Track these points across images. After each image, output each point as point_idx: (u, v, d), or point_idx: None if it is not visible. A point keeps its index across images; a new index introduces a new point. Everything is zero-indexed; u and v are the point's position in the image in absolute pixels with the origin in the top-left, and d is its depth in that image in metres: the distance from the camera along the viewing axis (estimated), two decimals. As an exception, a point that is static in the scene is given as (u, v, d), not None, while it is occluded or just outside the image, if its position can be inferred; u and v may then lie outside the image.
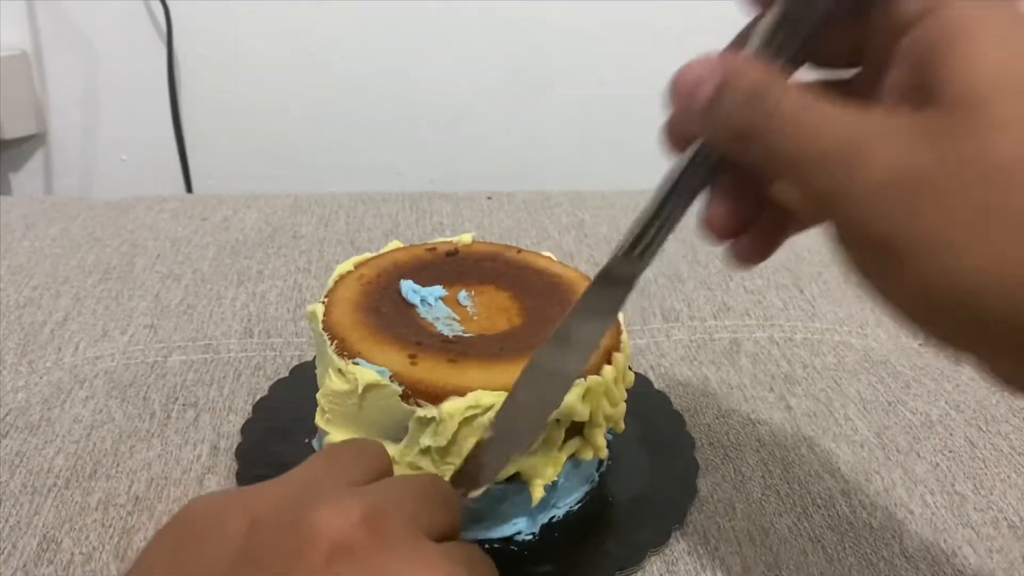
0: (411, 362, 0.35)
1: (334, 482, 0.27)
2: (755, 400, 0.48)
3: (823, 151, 0.22)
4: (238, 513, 0.25)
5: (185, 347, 0.51)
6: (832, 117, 0.23)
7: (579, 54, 1.02)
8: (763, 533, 0.39)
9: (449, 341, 0.37)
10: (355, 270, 0.42)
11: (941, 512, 0.40)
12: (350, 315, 0.38)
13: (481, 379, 0.34)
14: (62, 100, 1.03)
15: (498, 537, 0.37)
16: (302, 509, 0.24)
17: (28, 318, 0.53)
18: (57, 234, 0.64)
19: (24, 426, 0.43)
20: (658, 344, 0.53)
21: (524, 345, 0.36)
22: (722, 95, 0.24)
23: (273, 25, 0.99)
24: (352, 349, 0.36)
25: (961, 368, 0.52)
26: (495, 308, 0.40)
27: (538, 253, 0.44)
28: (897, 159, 0.21)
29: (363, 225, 0.68)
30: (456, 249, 0.44)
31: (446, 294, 0.41)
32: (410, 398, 0.34)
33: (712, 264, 0.63)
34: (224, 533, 0.24)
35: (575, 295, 0.40)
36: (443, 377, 0.34)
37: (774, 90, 0.24)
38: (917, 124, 0.22)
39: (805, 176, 0.23)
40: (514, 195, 0.75)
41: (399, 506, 0.26)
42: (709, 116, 0.25)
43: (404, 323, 0.38)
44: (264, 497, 0.26)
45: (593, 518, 0.39)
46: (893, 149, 0.22)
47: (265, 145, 1.06)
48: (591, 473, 0.40)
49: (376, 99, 1.03)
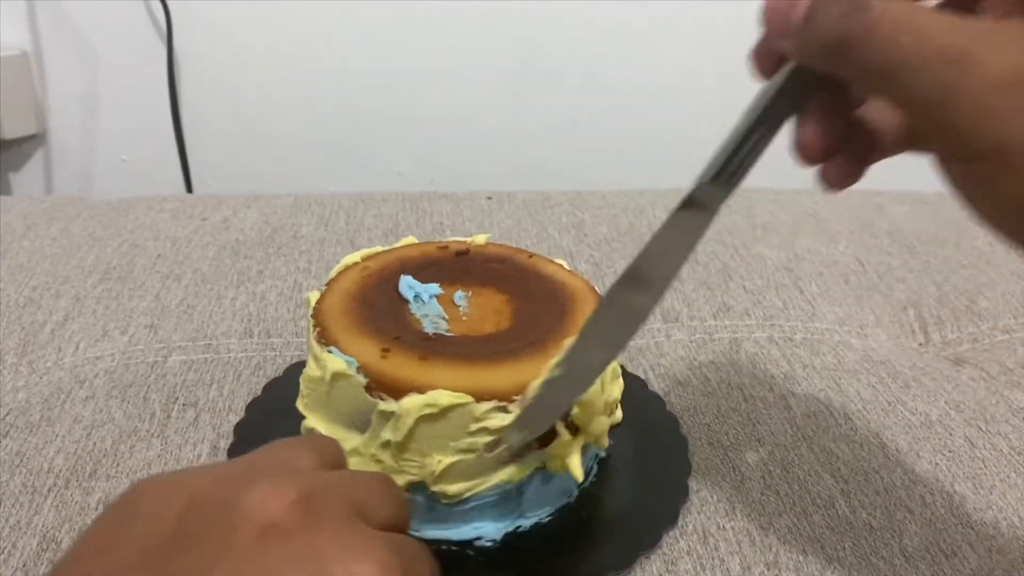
0: (382, 356, 0.35)
1: (278, 467, 0.27)
2: (755, 400, 0.48)
3: (931, 55, 0.22)
4: (177, 493, 0.25)
5: (185, 347, 0.51)
6: (939, 23, 0.23)
7: (579, 54, 1.02)
8: (763, 533, 0.39)
9: (428, 339, 0.37)
10: (361, 262, 0.42)
11: (941, 512, 0.40)
12: (340, 305, 0.39)
13: (446, 379, 0.34)
14: (62, 100, 1.03)
15: (457, 540, 0.37)
16: (238, 489, 0.24)
17: (28, 318, 0.53)
18: (57, 234, 0.64)
19: (24, 426, 0.43)
20: (658, 344, 0.53)
21: (501, 349, 0.36)
22: (821, 6, 0.24)
23: (273, 25, 0.99)
24: (330, 337, 0.36)
25: (961, 368, 0.52)
26: (488, 310, 0.40)
27: (550, 259, 0.44)
28: (1010, 61, 0.22)
29: (363, 225, 0.68)
30: (468, 249, 0.44)
31: (441, 292, 0.41)
32: (374, 391, 0.34)
33: (712, 264, 0.63)
34: (161, 512, 0.24)
35: (575, 303, 0.40)
36: (410, 374, 0.34)
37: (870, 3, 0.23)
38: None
39: (911, 83, 0.23)
40: (514, 195, 0.75)
41: (337, 491, 0.26)
42: (807, 30, 0.25)
43: (390, 317, 0.38)
44: (204, 478, 0.26)
45: (562, 532, 0.38)
46: (1005, 52, 0.22)
47: (265, 145, 1.06)
48: (568, 487, 0.39)
49: (376, 99, 1.03)
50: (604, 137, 1.06)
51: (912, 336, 0.57)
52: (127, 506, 0.25)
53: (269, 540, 0.23)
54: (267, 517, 0.23)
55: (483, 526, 0.37)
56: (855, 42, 0.24)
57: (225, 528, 0.23)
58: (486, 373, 0.34)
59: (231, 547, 0.23)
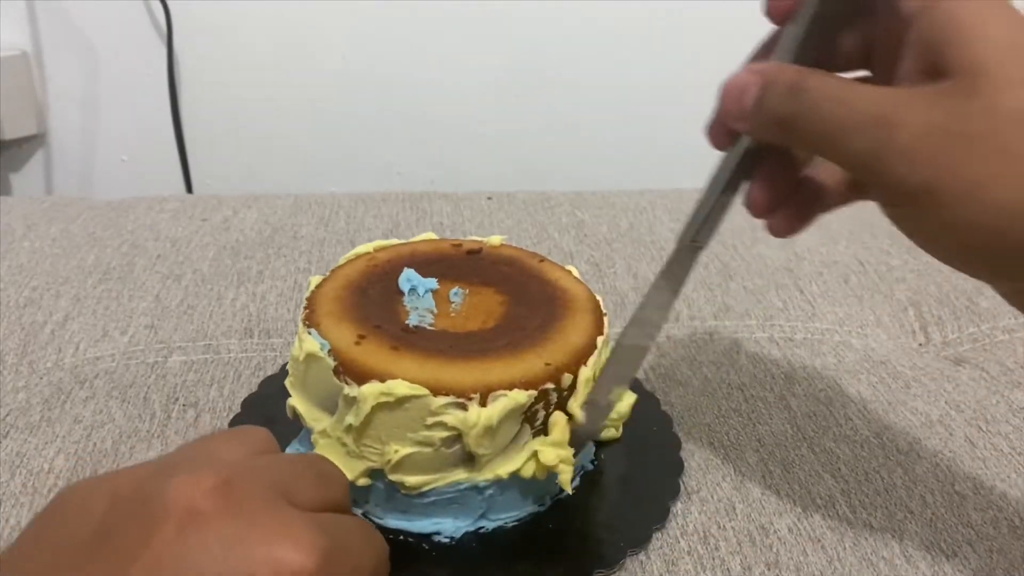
0: (356, 342, 0.36)
1: (198, 458, 0.27)
2: (755, 400, 0.48)
3: (862, 121, 0.27)
4: (100, 493, 0.25)
5: (185, 347, 0.51)
6: (865, 94, 0.28)
7: (579, 54, 1.02)
8: (763, 533, 0.39)
9: (406, 330, 0.37)
10: (372, 252, 0.43)
11: (941, 512, 0.40)
12: (336, 290, 0.40)
13: (410, 370, 0.34)
14: (62, 100, 1.03)
15: (416, 532, 0.37)
16: (158, 482, 0.24)
17: (28, 318, 0.53)
18: (57, 234, 0.64)
19: (24, 427, 0.43)
20: (658, 345, 0.53)
21: (474, 348, 0.36)
22: (767, 92, 0.29)
23: (273, 25, 0.99)
24: (314, 319, 0.37)
25: (961, 368, 0.52)
26: (480, 309, 0.40)
27: (560, 266, 0.43)
28: (927, 118, 0.26)
29: (363, 225, 0.68)
30: (480, 249, 0.44)
31: (437, 288, 0.41)
32: (341, 375, 0.35)
33: (712, 264, 0.63)
34: (86, 512, 0.24)
35: (569, 311, 0.39)
36: (377, 362, 0.35)
37: (812, 80, 0.29)
38: (939, 90, 0.27)
39: (847, 145, 0.28)
40: (514, 195, 0.75)
41: (260, 475, 0.26)
42: (758, 112, 0.30)
43: (380, 307, 0.39)
44: (126, 476, 0.26)
45: (524, 539, 0.37)
46: (922, 111, 0.27)
47: (265, 145, 1.06)
48: (540, 495, 0.39)
49: (376, 99, 1.03)
50: (604, 137, 1.06)
51: (912, 336, 0.57)
52: (53, 512, 0.25)
53: (189, 528, 0.23)
54: (187, 505, 0.24)
55: (443, 522, 0.37)
56: (798, 117, 0.29)
57: (146, 520, 0.24)
58: (451, 369, 0.34)
59: (152, 537, 0.23)
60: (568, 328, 0.38)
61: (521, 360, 0.35)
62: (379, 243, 0.44)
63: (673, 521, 0.39)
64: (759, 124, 0.30)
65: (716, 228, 0.34)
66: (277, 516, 0.24)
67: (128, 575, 0.22)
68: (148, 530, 0.23)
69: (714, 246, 0.66)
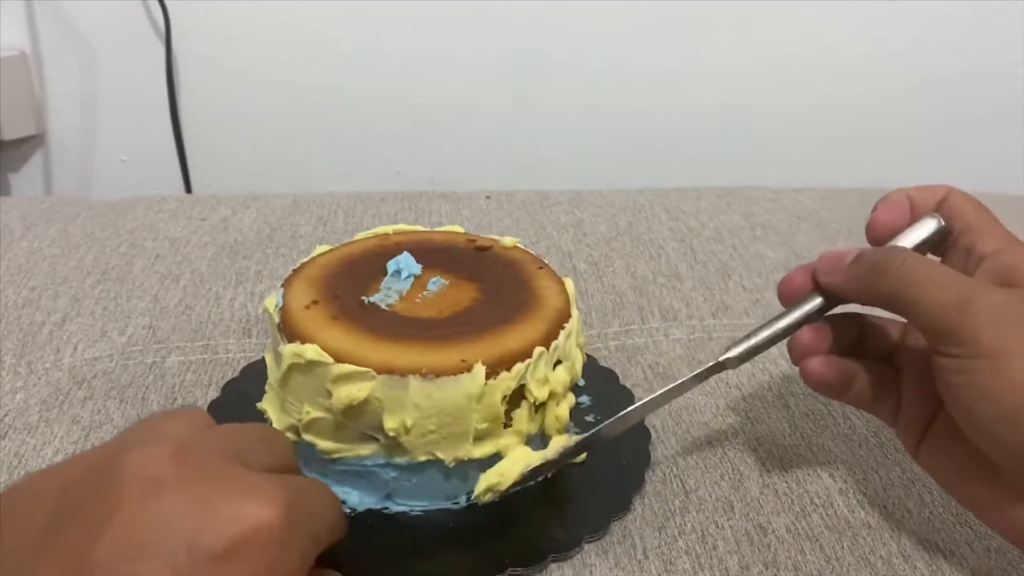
0: (307, 306, 0.38)
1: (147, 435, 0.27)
2: (754, 399, 0.48)
3: (949, 280, 0.33)
4: (49, 482, 0.26)
5: (184, 348, 0.51)
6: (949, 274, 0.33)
7: (579, 54, 1.02)
8: (761, 532, 0.39)
9: (361, 306, 0.38)
10: (391, 235, 0.45)
11: (939, 511, 0.40)
12: (330, 261, 0.42)
13: (334, 339, 0.35)
14: (61, 101, 1.03)
15: None
16: (113, 460, 0.25)
17: (27, 319, 0.53)
18: (56, 235, 0.64)
19: (23, 427, 0.43)
20: (656, 343, 0.53)
21: (408, 332, 0.36)
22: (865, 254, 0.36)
23: (272, 25, 0.99)
24: (290, 280, 0.40)
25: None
26: (448, 301, 0.40)
27: (557, 277, 0.42)
28: (1006, 295, 0.32)
29: (362, 225, 0.68)
30: (491, 247, 0.45)
31: (420, 274, 0.42)
32: (281, 332, 0.37)
33: (711, 263, 0.63)
34: (36, 503, 0.25)
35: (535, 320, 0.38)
36: (309, 327, 0.36)
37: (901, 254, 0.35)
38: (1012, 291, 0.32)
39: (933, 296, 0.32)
40: (513, 195, 0.75)
41: (212, 441, 0.27)
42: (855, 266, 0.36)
43: (356, 281, 0.40)
44: (75, 463, 0.26)
45: (424, 531, 0.37)
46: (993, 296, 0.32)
47: (264, 145, 1.06)
48: (455, 493, 0.38)
49: (375, 99, 1.03)
50: (603, 137, 1.06)
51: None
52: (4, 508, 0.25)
53: (153, 495, 0.24)
54: (148, 475, 0.24)
55: (349, 493, 0.38)
56: (883, 275, 0.34)
57: (109, 494, 0.24)
58: (373, 346, 0.35)
59: (119, 508, 0.23)
60: (511, 331, 0.37)
61: (439, 351, 0.35)
62: (401, 227, 0.46)
63: (670, 520, 0.39)
64: (852, 278, 0.35)
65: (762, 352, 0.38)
66: (236, 476, 0.26)
67: (99, 545, 0.23)
68: (112, 502, 0.24)
69: (713, 245, 0.66)
